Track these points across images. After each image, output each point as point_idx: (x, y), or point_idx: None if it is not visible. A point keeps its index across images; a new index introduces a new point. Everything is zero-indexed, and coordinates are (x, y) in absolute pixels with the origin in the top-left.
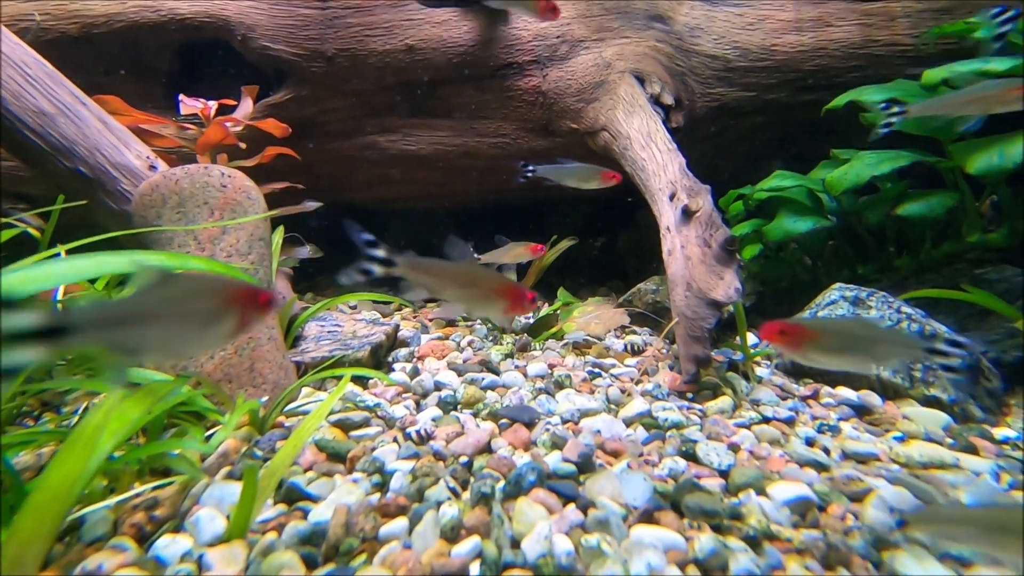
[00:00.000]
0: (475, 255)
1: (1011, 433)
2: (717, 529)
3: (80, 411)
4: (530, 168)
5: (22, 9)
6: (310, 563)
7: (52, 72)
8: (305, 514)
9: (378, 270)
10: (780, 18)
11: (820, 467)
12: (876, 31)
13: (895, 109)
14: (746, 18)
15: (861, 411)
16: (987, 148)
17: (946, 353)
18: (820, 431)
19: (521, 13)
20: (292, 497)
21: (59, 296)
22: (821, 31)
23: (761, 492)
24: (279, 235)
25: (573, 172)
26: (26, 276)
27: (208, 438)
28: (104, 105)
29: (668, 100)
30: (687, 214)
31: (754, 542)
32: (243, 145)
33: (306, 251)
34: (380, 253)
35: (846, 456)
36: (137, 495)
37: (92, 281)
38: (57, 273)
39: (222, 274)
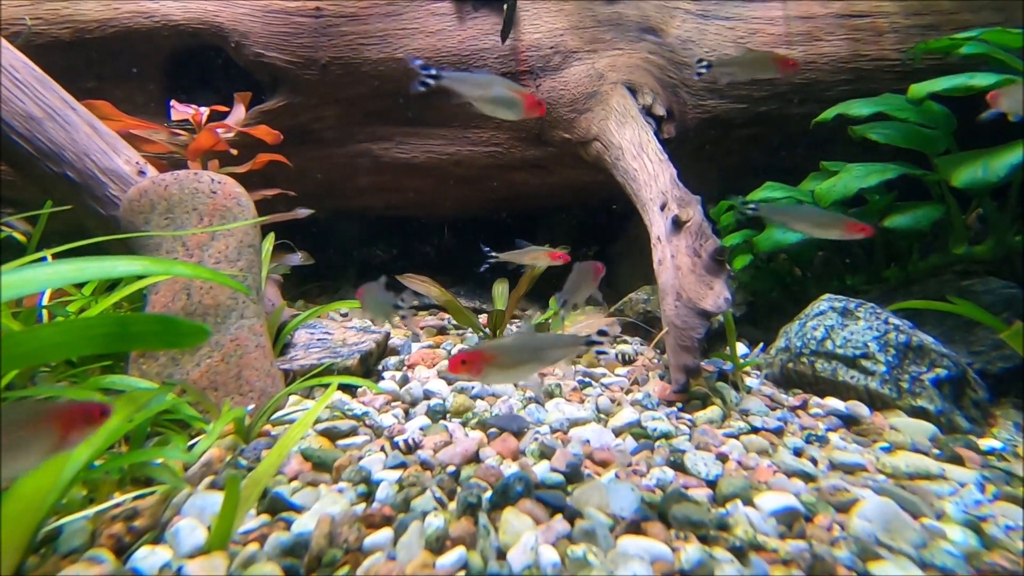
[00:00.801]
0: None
1: (996, 444)
2: (704, 540)
3: None
4: (431, 72)
5: (13, 14)
6: (292, 575)
7: (41, 77)
8: (288, 525)
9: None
10: (771, 32)
11: (807, 477)
12: (864, 46)
13: (751, 206)
14: (737, 32)
15: (849, 421)
16: (972, 162)
17: (600, 343)
18: (808, 441)
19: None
20: (276, 507)
21: (44, 301)
22: (810, 45)
23: (748, 502)
24: (269, 242)
25: (480, 82)
26: (7, 281)
27: (191, 447)
28: (94, 110)
29: (660, 111)
30: (677, 224)
31: (740, 553)
32: (235, 151)
33: (297, 258)
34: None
35: (833, 466)
36: (116, 505)
37: (81, 287)
38: (37, 278)
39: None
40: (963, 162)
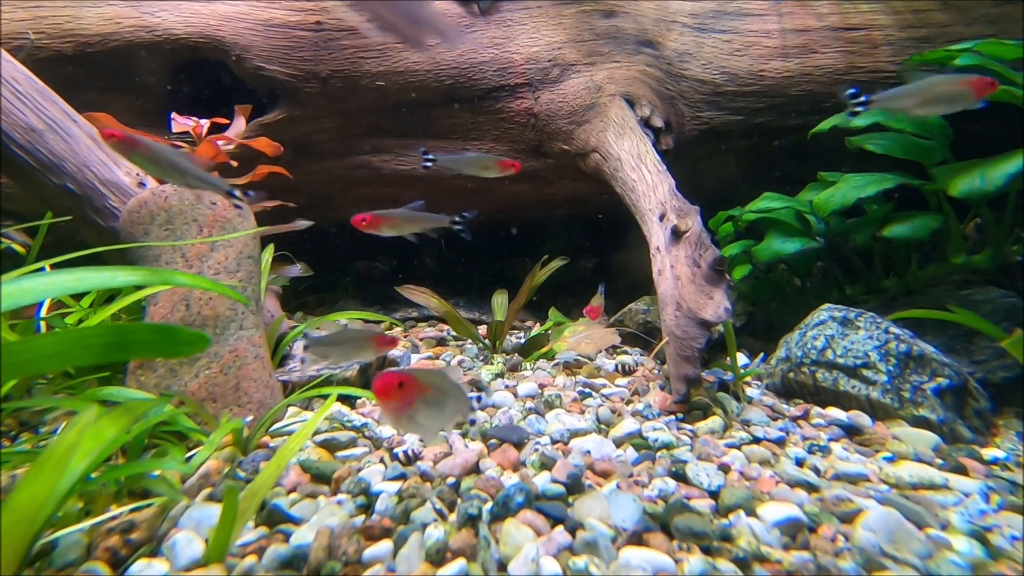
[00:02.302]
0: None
1: (1000, 453)
2: (707, 551)
3: (59, 431)
4: (429, 157)
5: (16, 28)
6: None
7: (42, 88)
8: (287, 537)
9: None
10: (767, 44)
11: (810, 488)
12: (859, 58)
13: (862, 98)
14: (734, 44)
15: (851, 431)
16: (969, 171)
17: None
18: (810, 452)
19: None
20: (274, 519)
21: (43, 313)
22: (806, 57)
23: (751, 513)
24: (268, 253)
25: (471, 161)
26: (5, 291)
27: (189, 459)
28: (95, 123)
29: (658, 123)
30: (676, 234)
31: (744, 564)
32: (235, 163)
33: (297, 269)
34: None
35: (836, 477)
36: (113, 518)
37: (79, 298)
38: (35, 288)
39: None
40: (961, 172)
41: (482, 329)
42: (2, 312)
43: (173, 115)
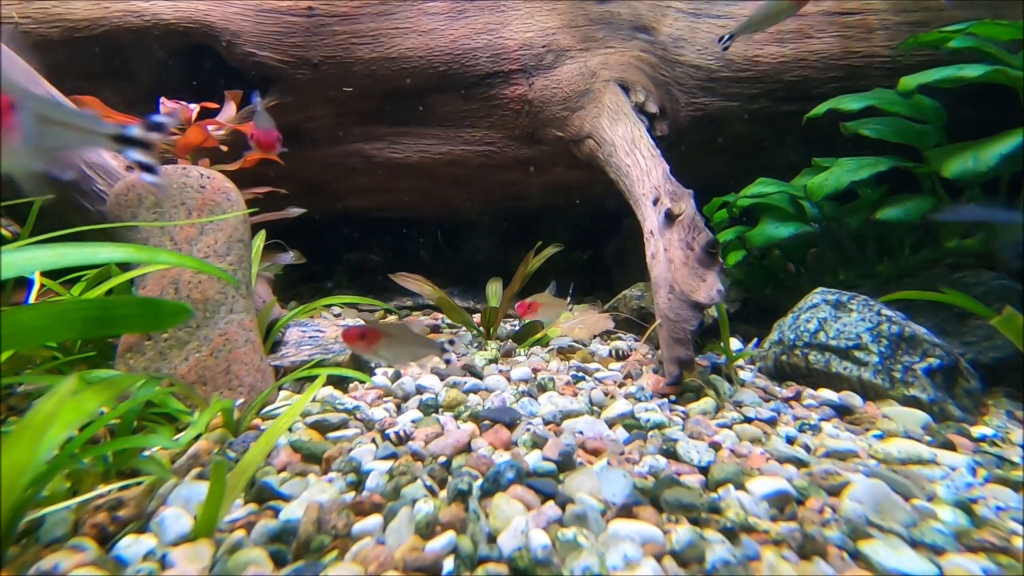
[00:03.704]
0: None
1: (988, 431)
2: (695, 522)
3: (36, 402)
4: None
5: (2, 13)
6: (279, 560)
7: (26, 70)
8: (276, 513)
9: None
10: None
11: (800, 463)
12: (855, 43)
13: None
14: (728, 29)
15: (842, 411)
16: (962, 153)
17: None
18: (801, 430)
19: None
20: (263, 496)
21: (31, 299)
22: (801, 43)
23: (740, 487)
24: (260, 239)
25: (766, 12)
26: None
27: (178, 440)
28: (81, 106)
29: (652, 109)
30: (670, 218)
31: (731, 534)
32: (225, 148)
33: (289, 257)
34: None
35: (827, 454)
36: (100, 496)
37: (70, 287)
38: (15, 262)
39: None
40: (954, 153)
41: (476, 317)
42: None
43: (162, 100)
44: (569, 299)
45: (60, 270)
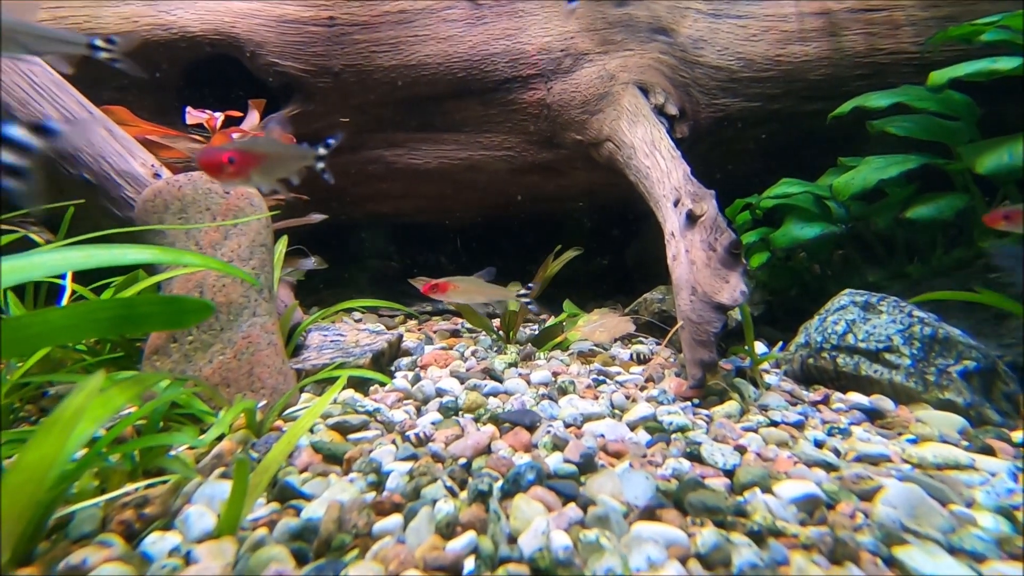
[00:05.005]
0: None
1: None
2: (720, 525)
3: (66, 397)
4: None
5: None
6: (300, 558)
7: (59, 80)
8: (298, 512)
9: None
10: (784, 29)
11: (829, 467)
12: (881, 40)
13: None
14: (749, 30)
15: (873, 415)
16: (996, 148)
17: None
18: (830, 434)
19: None
20: (285, 495)
21: (64, 301)
22: (826, 41)
23: (767, 490)
24: (282, 244)
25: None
26: (12, 266)
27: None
28: (111, 115)
29: (672, 110)
30: (691, 219)
31: (758, 537)
32: None
33: (311, 262)
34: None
35: (857, 458)
36: (127, 494)
37: (99, 293)
38: (46, 263)
39: None
40: (988, 149)
41: (495, 322)
42: (13, 285)
43: (188, 108)
44: (481, 281)
45: (90, 275)
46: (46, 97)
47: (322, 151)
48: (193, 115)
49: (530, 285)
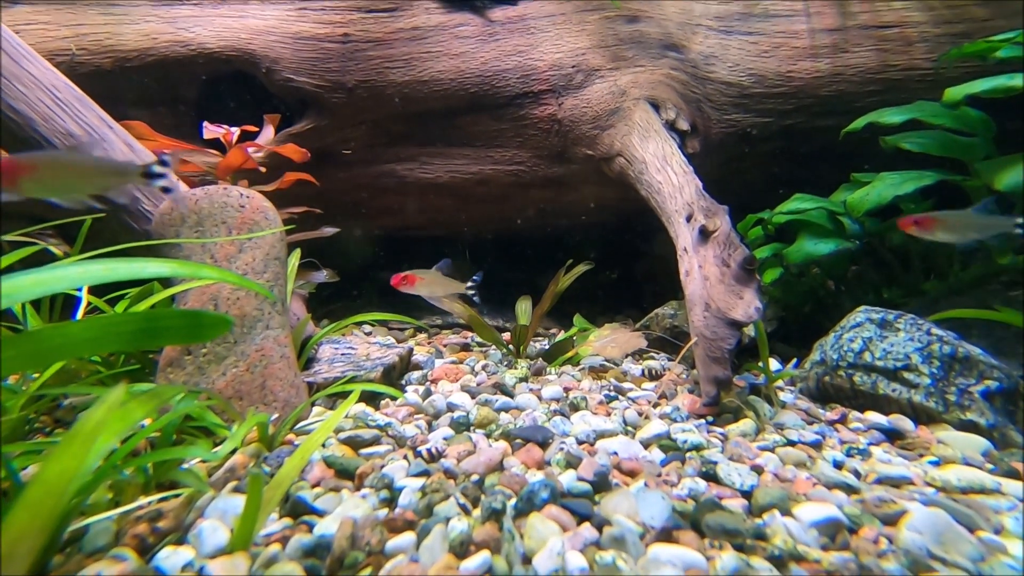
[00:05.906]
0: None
1: None
2: (740, 549)
3: (86, 411)
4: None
5: (60, 45)
6: (314, 575)
7: (81, 96)
8: (310, 528)
9: None
10: (795, 45)
11: (850, 490)
12: (893, 56)
13: None
14: (761, 46)
15: (892, 436)
16: (1015, 164)
17: None
18: (849, 455)
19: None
20: (298, 511)
21: (80, 313)
22: (837, 57)
23: (787, 513)
24: (295, 257)
25: None
26: (35, 279)
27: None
28: (131, 130)
29: (683, 126)
30: (704, 234)
31: (780, 562)
32: (263, 169)
33: (323, 275)
34: None
35: (878, 480)
36: (141, 507)
37: (114, 305)
38: (68, 276)
39: None
40: (1006, 165)
41: (506, 336)
42: (34, 298)
43: (205, 123)
44: (438, 274)
45: (103, 286)
46: (69, 112)
47: (159, 168)
48: (210, 130)
49: (475, 278)
